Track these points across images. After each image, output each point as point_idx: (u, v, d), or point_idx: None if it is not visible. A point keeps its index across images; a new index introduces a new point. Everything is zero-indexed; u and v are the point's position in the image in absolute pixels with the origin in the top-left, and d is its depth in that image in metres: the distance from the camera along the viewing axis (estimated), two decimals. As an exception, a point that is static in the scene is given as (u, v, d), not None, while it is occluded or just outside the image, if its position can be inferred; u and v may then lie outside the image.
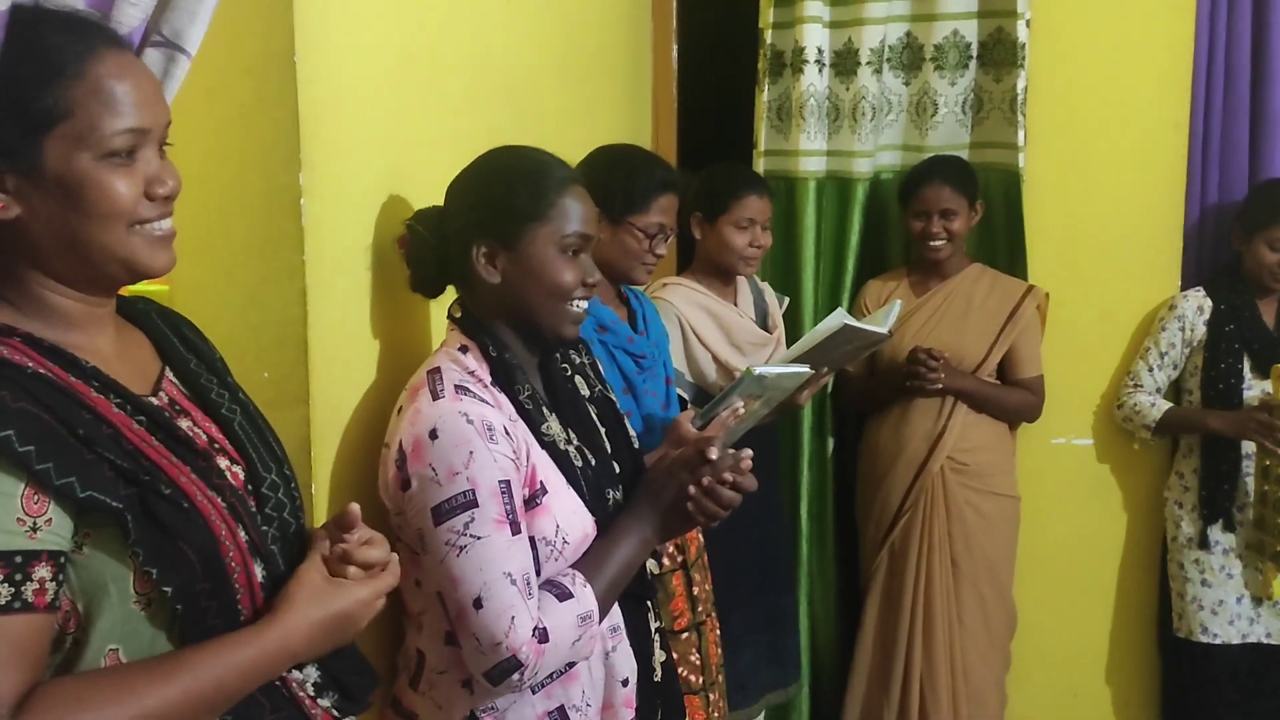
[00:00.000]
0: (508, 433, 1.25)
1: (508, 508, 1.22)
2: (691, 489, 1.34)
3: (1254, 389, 2.63)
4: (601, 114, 2.51)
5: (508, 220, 1.32)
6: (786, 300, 2.66)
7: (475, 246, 1.32)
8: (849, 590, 2.91)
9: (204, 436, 0.97)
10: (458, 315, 1.36)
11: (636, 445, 1.51)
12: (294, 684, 0.97)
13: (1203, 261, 2.85)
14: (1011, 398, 2.69)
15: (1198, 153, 2.80)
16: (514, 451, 1.25)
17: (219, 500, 0.91)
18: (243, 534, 0.92)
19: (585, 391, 1.48)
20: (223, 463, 0.96)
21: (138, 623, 0.87)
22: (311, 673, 0.98)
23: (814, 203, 2.86)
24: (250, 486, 0.98)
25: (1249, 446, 2.61)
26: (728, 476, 1.34)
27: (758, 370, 1.78)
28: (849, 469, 2.89)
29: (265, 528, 0.96)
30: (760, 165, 2.87)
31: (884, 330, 2.11)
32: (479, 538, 1.20)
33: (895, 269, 2.85)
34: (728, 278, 2.40)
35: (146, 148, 0.91)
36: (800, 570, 2.87)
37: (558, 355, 1.46)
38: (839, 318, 2.04)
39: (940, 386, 2.59)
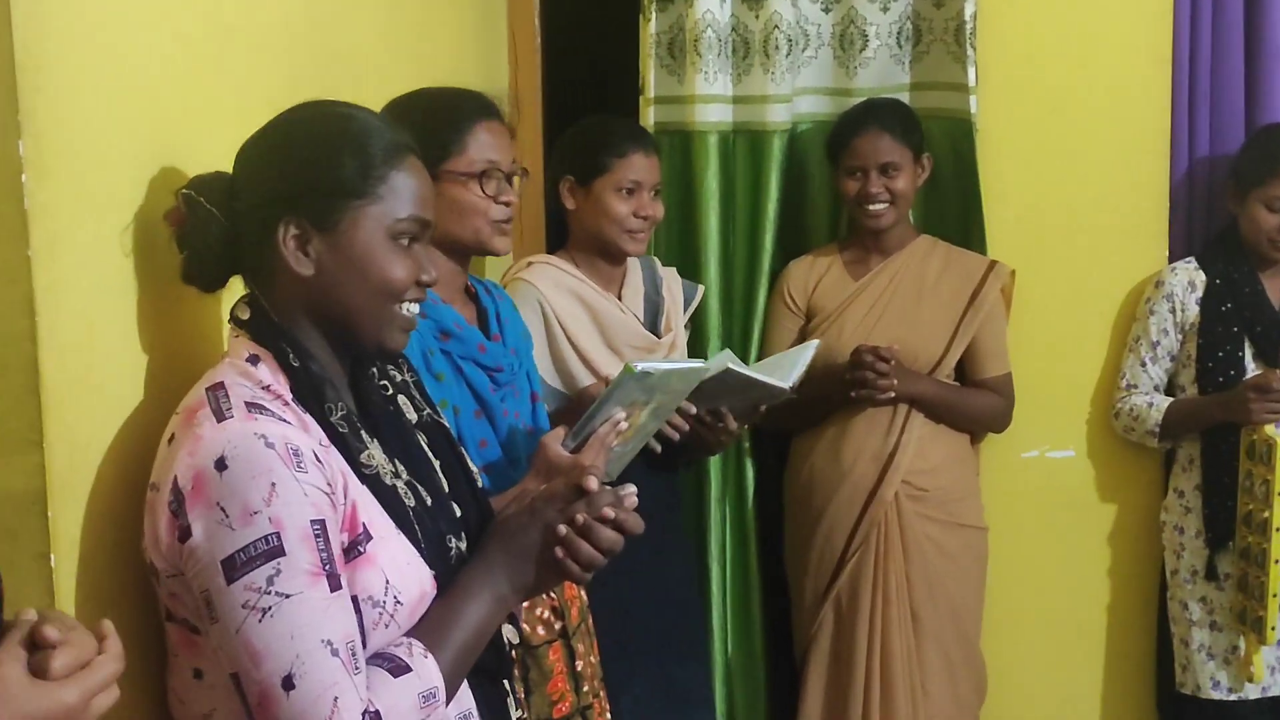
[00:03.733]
0: (319, 460, 1.26)
1: (323, 555, 1.22)
2: (561, 530, 1.34)
3: (1260, 382, 2.69)
4: (440, 56, 2.48)
5: (326, 195, 1.33)
6: (701, 290, 2.69)
7: (283, 226, 1.33)
8: (778, 659, 2.93)
9: None
10: (245, 317, 1.36)
11: (480, 483, 1.53)
12: None
13: (1194, 226, 2.93)
14: (977, 402, 2.75)
15: (1184, 93, 2.89)
16: (328, 484, 1.26)
17: None
18: None
19: (411, 415, 1.48)
20: None
21: None
22: None
23: (717, 162, 2.87)
24: None
25: None
26: (608, 513, 1.35)
27: (639, 366, 1.78)
28: (771, 502, 2.91)
29: None
30: (649, 116, 2.88)
31: (784, 385, 2.20)
32: (287, 595, 1.20)
33: (825, 245, 2.88)
34: (612, 259, 2.42)
35: None
36: (712, 634, 2.89)
37: (374, 370, 1.46)
38: (723, 359, 2.08)
39: (893, 394, 2.61)
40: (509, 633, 1.48)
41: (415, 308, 1.39)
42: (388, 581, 1.28)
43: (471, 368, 1.94)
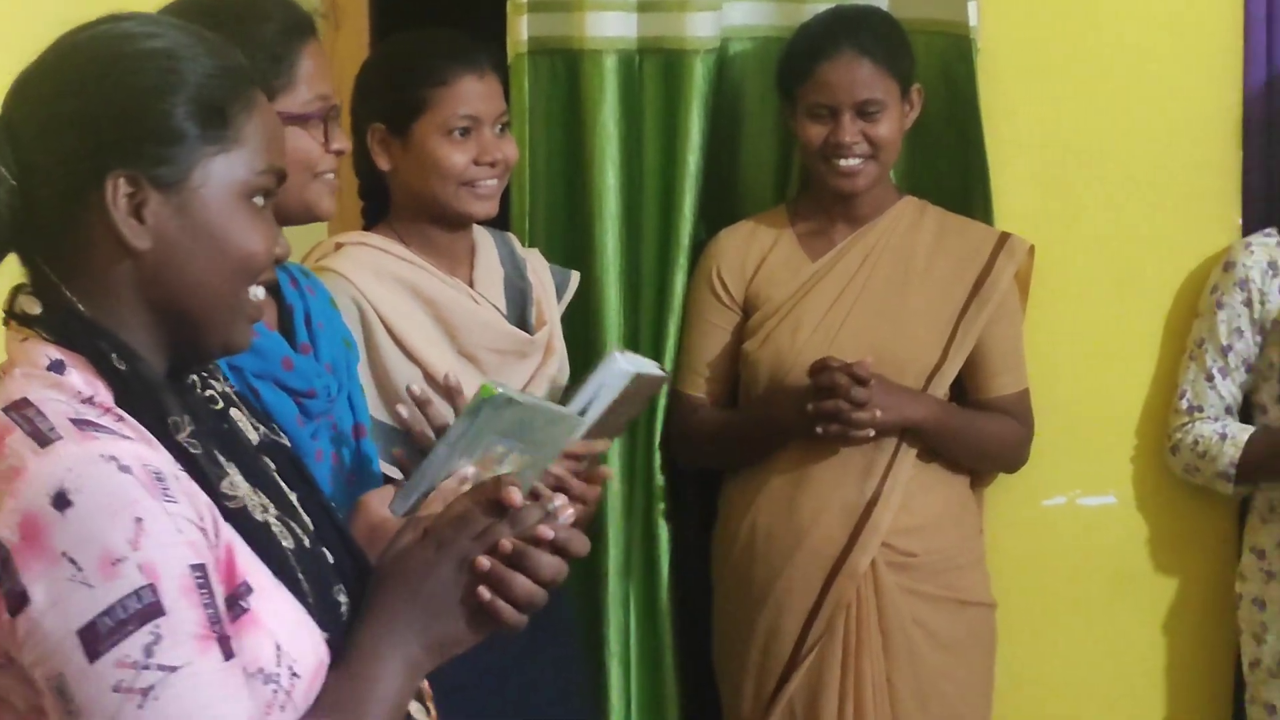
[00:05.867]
0: (183, 487, 1.31)
1: (210, 612, 1.25)
2: (485, 563, 1.36)
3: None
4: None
5: (168, 141, 1.36)
6: (575, 276, 2.69)
7: (110, 182, 1.34)
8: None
9: None
10: (36, 311, 1.38)
11: (342, 520, 1.60)
12: None
13: (1277, 181, 2.91)
14: (991, 430, 2.77)
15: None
16: (200, 517, 1.29)
17: None
18: None
19: (252, 435, 1.53)
20: None
21: None
22: None
23: (617, 94, 2.87)
24: None
25: None
26: (545, 532, 1.37)
27: (501, 388, 1.82)
28: (694, 576, 2.88)
29: None
30: (520, 30, 2.87)
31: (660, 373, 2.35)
32: (173, 668, 1.22)
33: (769, 210, 2.87)
34: (451, 227, 2.43)
35: None
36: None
37: (194, 379, 1.50)
38: (623, 366, 2.17)
39: (872, 432, 2.62)
40: (417, 711, 1.51)
41: (261, 292, 1.45)
42: (279, 648, 1.31)
43: (272, 391, 1.95)
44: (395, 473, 2.17)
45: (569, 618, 2.67)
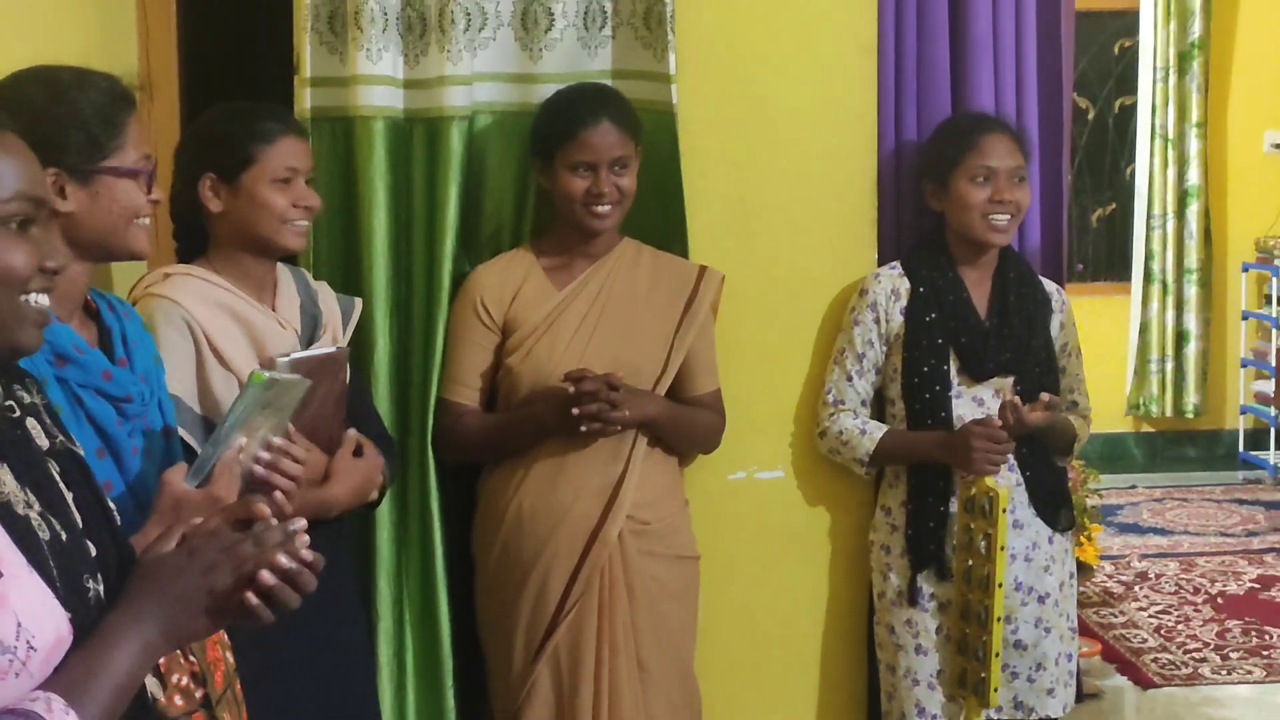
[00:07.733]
0: None
1: None
2: (267, 578, 1.43)
3: (964, 397, 3.14)
4: (37, 17, 2.59)
5: None
6: (358, 304, 2.86)
7: None
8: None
9: None
10: None
11: (118, 521, 1.62)
12: None
13: (904, 226, 3.31)
14: (702, 421, 3.08)
15: (890, 83, 3.27)
16: None
17: None
18: None
19: (42, 442, 1.55)
20: None
21: None
22: None
23: (384, 152, 3.03)
24: None
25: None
26: (282, 562, 1.43)
27: (269, 374, 1.93)
28: (459, 541, 3.10)
29: None
30: (305, 100, 3.02)
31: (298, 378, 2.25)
32: None
33: (515, 248, 3.11)
34: (265, 260, 2.59)
35: None
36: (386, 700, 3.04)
37: None
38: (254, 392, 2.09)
39: (621, 427, 2.88)
40: (152, 686, 1.56)
41: (44, 299, 1.48)
42: (20, 625, 1.32)
43: (93, 398, 2.02)
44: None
45: (352, 582, 2.83)
